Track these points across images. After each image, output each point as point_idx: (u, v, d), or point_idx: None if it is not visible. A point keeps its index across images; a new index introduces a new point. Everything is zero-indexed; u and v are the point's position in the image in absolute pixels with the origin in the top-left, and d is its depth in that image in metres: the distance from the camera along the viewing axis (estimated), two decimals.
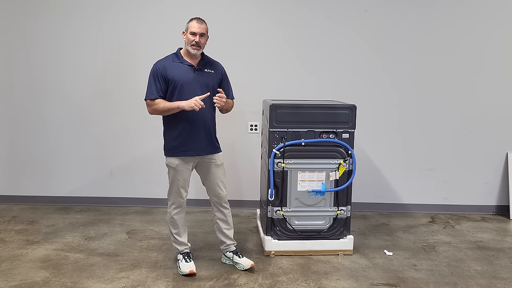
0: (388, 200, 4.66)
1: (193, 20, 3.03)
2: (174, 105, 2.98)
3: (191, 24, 3.02)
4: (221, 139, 3.27)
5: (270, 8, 4.41)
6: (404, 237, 3.95)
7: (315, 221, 3.50)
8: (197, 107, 2.91)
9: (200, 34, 2.99)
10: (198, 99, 2.93)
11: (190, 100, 2.93)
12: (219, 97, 3.02)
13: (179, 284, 3.02)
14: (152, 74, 3.05)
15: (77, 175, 4.68)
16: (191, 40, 2.99)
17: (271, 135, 3.39)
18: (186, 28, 3.04)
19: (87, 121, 4.59)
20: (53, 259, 3.38)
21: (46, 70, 4.53)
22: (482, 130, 4.55)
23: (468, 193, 4.65)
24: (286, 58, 4.47)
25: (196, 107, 2.91)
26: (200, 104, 2.92)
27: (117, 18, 4.42)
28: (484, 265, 3.41)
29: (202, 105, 2.93)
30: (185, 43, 3.06)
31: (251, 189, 4.50)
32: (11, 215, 4.38)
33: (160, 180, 4.47)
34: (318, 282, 3.08)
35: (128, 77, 4.48)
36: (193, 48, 3.01)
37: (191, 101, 2.92)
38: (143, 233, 3.95)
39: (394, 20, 4.41)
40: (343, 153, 3.42)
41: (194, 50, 3.01)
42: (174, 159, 3.10)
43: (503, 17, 4.40)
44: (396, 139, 4.57)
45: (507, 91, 4.50)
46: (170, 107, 2.99)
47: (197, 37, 2.99)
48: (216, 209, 3.29)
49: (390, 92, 4.51)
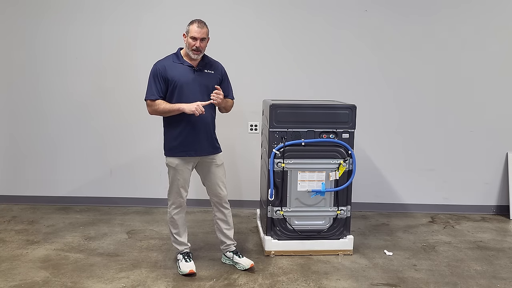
0: (388, 200, 4.66)
1: (194, 23, 3.00)
2: (175, 107, 2.97)
3: (191, 28, 2.99)
4: (221, 139, 3.27)
5: (270, 9, 4.41)
6: (404, 237, 3.95)
7: (315, 221, 3.50)
8: (198, 112, 2.91)
9: (200, 39, 2.99)
10: (200, 105, 2.93)
11: (192, 104, 2.93)
12: (216, 94, 3.01)
13: (179, 284, 3.02)
14: (152, 74, 3.04)
15: (77, 175, 4.68)
16: (192, 45, 2.99)
17: (271, 135, 3.39)
18: (187, 31, 3.02)
19: (87, 121, 4.60)
20: (53, 259, 3.38)
21: (46, 70, 4.53)
22: (482, 130, 4.55)
23: (468, 193, 4.65)
24: (286, 58, 4.47)
25: (196, 112, 2.91)
26: (201, 110, 2.92)
27: (118, 17, 4.42)
28: (484, 265, 3.41)
29: (202, 111, 2.93)
30: (186, 46, 3.05)
31: (251, 189, 4.50)
32: (11, 215, 4.38)
33: (160, 180, 4.47)
34: (318, 282, 3.08)
35: (129, 76, 4.48)
36: (194, 53, 3.01)
37: (193, 105, 2.92)
38: (143, 233, 3.95)
39: (394, 21, 4.41)
40: (343, 153, 3.42)
41: (195, 55, 3.02)
42: (174, 159, 3.10)
43: (503, 18, 4.40)
44: (396, 139, 4.57)
45: (507, 91, 4.50)
46: (170, 109, 2.99)
47: (197, 42, 2.98)
48: (216, 209, 3.29)
49: (390, 92, 4.51)
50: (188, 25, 3.03)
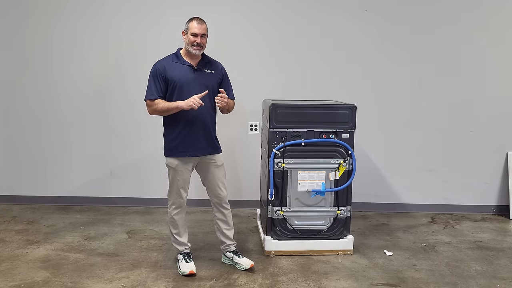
0: (388, 200, 4.66)
1: (193, 20, 3.01)
2: (173, 105, 2.97)
3: (191, 25, 3.00)
4: (221, 139, 3.27)
5: (270, 9, 4.41)
6: (404, 237, 3.95)
7: (315, 221, 3.50)
8: (195, 105, 2.90)
9: (201, 35, 2.99)
10: (197, 98, 2.92)
11: (189, 99, 2.92)
12: (221, 97, 3.01)
13: (179, 284, 3.02)
14: (151, 74, 3.04)
15: (77, 175, 4.68)
16: (193, 41, 2.99)
17: (271, 135, 3.39)
18: (186, 29, 3.03)
19: (87, 121, 4.59)
20: (53, 259, 3.38)
21: (46, 70, 4.53)
22: (482, 130, 4.55)
23: (468, 193, 4.65)
24: (286, 58, 4.47)
25: (194, 106, 2.90)
26: (199, 103, 2.91)
27: (118, 18, 4.42)
28: (484, 265, 3.41)
29: (200, 103, 2.91)
30: (186, 44, 3.05)
31: (251, 189, 4.50)
32: (11, 215, 4.38)
33: (160, 180, 4.47)
34: (318, 282, 3.08)
35: (129, 77, 4.48)
36: (195, 48, 3.01)
37: (189, 100, 2.91)
38: (143, 233, 3.95)
39: (395, 20, 4.41)
40: (343, 153, 3.42)
41: (196, 50, 3.01)
42: (174, 159, 3.10)
43: (504, 17, 4.40)
44: (396, 139, 4.57)
45: (507, 91, 4.50)
46: (169, 107, 2.99)
47: (198, 38, 2.99)
48: (216, 209, 3.29)
49: (390, 92, 4.51)
50: (187, 22, 3.04)
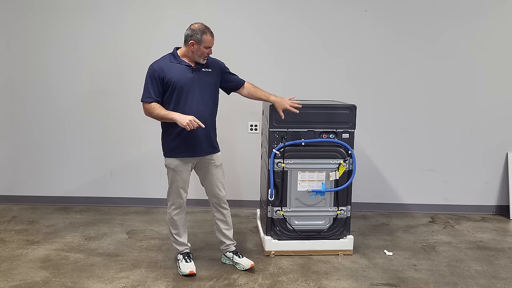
0: (388, 200, 4.66)
1: (207, 33, 2.97)
2: (169, 116, 2.93)
3: (206, 38, 2.96)
4: (221, 139, 3.27)
5: (270, 9, 4.41)
6: (404, 237, 3.95)
7: (315, 221, 3.50)
8: (189, 128, 2.86)
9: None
10: (194, 119, 2.88)
11: (186, 117, 2.88)
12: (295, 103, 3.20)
13: (179, 284, 3.02)
14: (149, 75, 3.00)
15: (77, 175, 4.68)
16: (205, 53, 3.01)
17: (271, 135, 3.39)
18: (198, 40, 2.95)
19: (87, 121, 4.59)
20: (53, 259, 3.38)
21: (46, 70, 4.53)
22: (482, 130, 4.55)
23: (468, 193, 4.65)
24: (286, 58, 4.47)
25: (188, 128, 2.86)
26: (193, 126, 2.86)
27: (118, 18, 4.43)
28: (484, 265, 3.41)
29: (195, 126, 2.87)
30: (193, 52, 3.00)
31: (251, 189, 4.50)
32: (11, 215, 4.38)
33: (160, 180, 4.46)
34: (318, 282, 3.08)
35: (129, 77, 4.47)
36: (204, 59, 3.05)
37: (185, 119, 2.87)
38: (143, 233, 3.95)
39: (395, 20, 4.41)
40: (343, 153, 3.42)
41: (205, 60, 3.06)
42: (173, 160, 3.09)
43: (504, 18, 4.40)
44: (396, 139, 4.57)
45: (507, 91, 4.50)
46: (164, 116, 2.95)
47: (210, 50, 3.03)
48: (215, 209, 3.29)
49: (390, 92, 4.51)
50: (199, 34, 2.94)
